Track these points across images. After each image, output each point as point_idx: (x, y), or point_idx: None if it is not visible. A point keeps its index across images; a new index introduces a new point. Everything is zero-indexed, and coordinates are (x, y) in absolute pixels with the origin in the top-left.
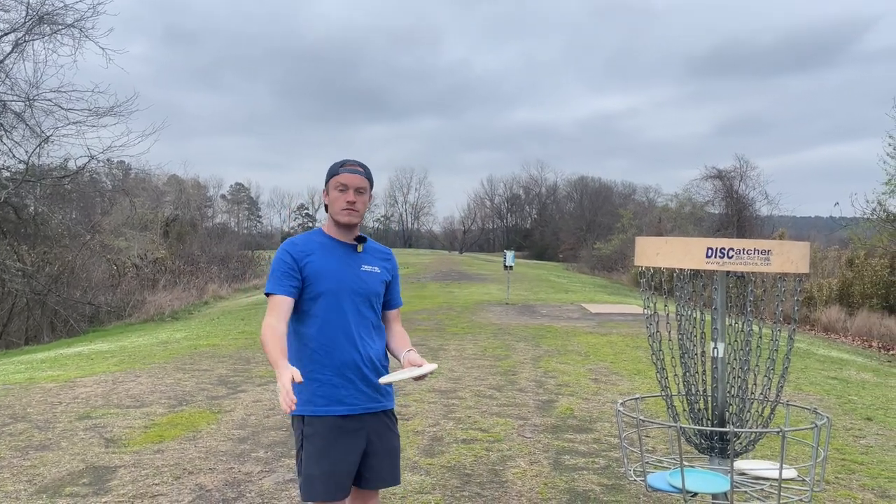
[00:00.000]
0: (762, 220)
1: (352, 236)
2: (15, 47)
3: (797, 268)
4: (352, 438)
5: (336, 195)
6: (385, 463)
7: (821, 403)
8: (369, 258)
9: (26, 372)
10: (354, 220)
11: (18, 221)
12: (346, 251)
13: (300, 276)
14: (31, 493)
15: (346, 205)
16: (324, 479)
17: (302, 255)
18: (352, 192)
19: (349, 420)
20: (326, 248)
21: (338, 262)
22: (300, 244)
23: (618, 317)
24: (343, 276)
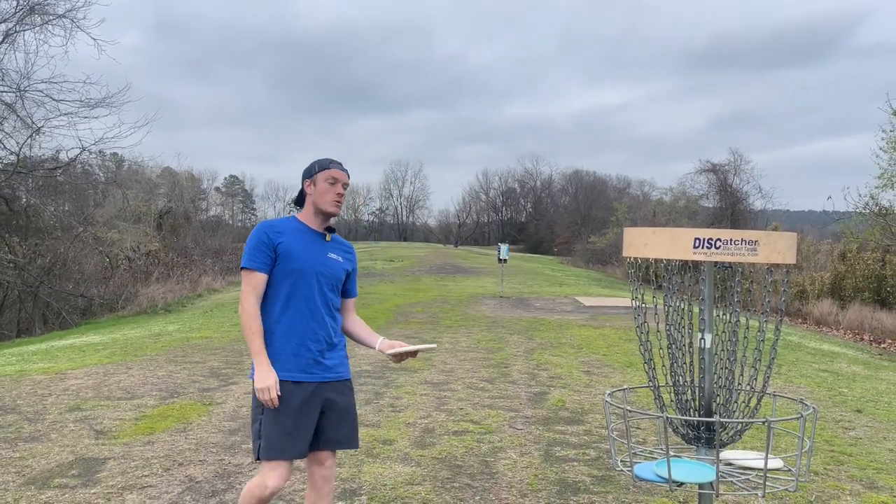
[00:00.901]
0: (756, 214)
1: (323, 227)
2: (5, 38)
3: (784, 258)
4: (308, 404)
5: (326, 187)
6: (342, 426)
7: (811, 396)
8: (335, 248)
9: (17, 364)
10: (340, 211)
11: (10, 213)
12: (317, 238)
13: (274, 255)
14: (20, 485)
15: (336, 196)
16: (282, 438)
17: (276, 235)
18: (340, 186)
19: (306, 387)
20: (299, 232)
21: (308, 246)
22: (276, 226)
23: (611, 310)
24: (312, 258)
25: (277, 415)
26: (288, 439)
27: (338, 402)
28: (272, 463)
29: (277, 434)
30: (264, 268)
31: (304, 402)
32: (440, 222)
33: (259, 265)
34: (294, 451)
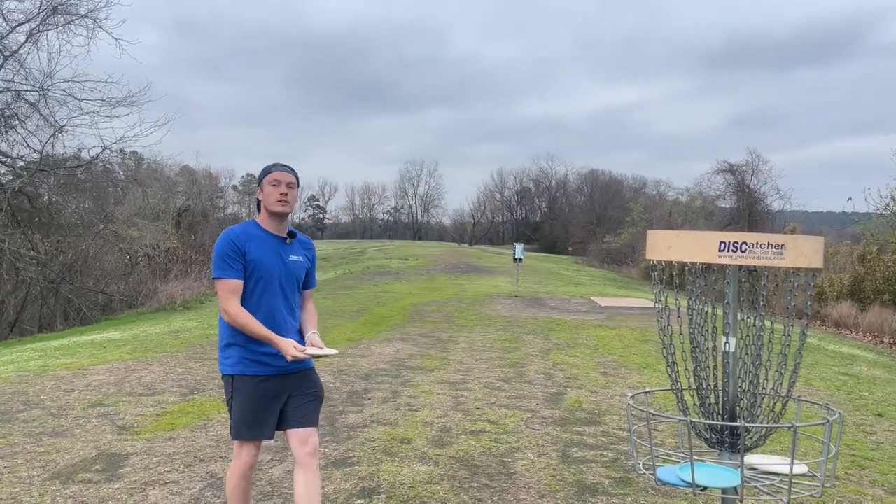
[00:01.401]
0: (773, 215)
1: (283, 230)
2: (29, 37)
3: (810, 262)
4: (271, 395)
5: (270, 189)
6: (308, 407)
7: (831, 399)
8: (296, 249)
9: (40, 359)
10: (287, 209)
11: (33, 210)
12: (278, 242)
13: (244, 260)
14: (45, 479)
15: (279, 196)
16: (248, 423)
17: (242, 243)
18: (284, 185)
19: (270, 379)
20: (261, 239)
21: (271, 253)
22: (240, 234)
23: (627, 310)
24: (275, 265)
25: (244, 404)
26: (254, 424)
27: (302, 389)
28: (243, 443)
29: (245, 420)
30: (238, 275)
31: (267, 393)
32: (455, 221)
33: (233, 273)
34: (260, 434)
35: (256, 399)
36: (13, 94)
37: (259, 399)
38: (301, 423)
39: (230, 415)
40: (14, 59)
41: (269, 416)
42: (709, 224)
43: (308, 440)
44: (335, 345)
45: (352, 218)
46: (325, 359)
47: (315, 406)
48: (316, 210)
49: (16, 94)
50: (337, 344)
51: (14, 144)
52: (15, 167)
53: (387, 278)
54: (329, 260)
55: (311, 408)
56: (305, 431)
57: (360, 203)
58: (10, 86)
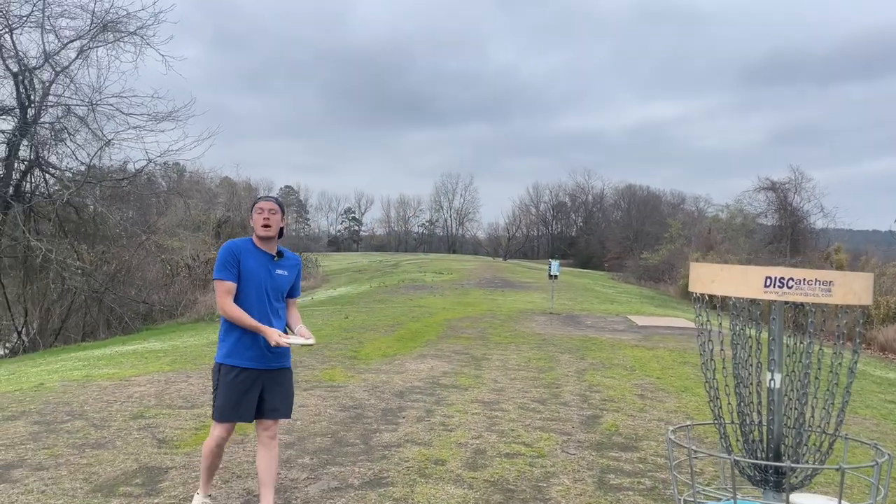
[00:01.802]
0: (817, 234)
1: (272, 249)
2: (80, 54)
3: (860, 299)
4: (252, 385)
5: (256, 217)
6: (278, 401)
7: (878, 429)
8: (283, 265)
9: (84, 369)
10: (269, 233)
11: (79, 221)
12: (267, 258)
13: (238, 268)
14: (87, 492)
15: (263, 221)
16: (229, 407)
17: (238, 253)
18: (266, 212)
19: (252, 372)
20: (254, 254)
21: (260, 265)
22: (239, 246)
23: (665, 330)
24: (262, 276)
25: (227, 390)
26: (234, 409)
27: (277, 384)
28: (221, 423)
29: (227, 404)
30: (233, 278)
31: (249, 383)
32: (489, 235)
33: (229, 276)
34: (238, 418)
35: (237, 388)
36: (63, 109)
37: (239, 388)
38: (274, 414)
39: (213, 399)
40: (65, 75)
41: (247, 404)
42: (749, 242)
43: (271, 427)
44: (370, 360)
45: (387, 230)
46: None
47: (288, 401)
48: (352, 222)
49: (66, 108)
50: (371, 359)
51: (63, 157)
52: (63, 179)
53: (421, 292)
54: (364, 272)
55: (285, 402)
56: (271, 420)
57: (395, 216)
58: (60, 100)
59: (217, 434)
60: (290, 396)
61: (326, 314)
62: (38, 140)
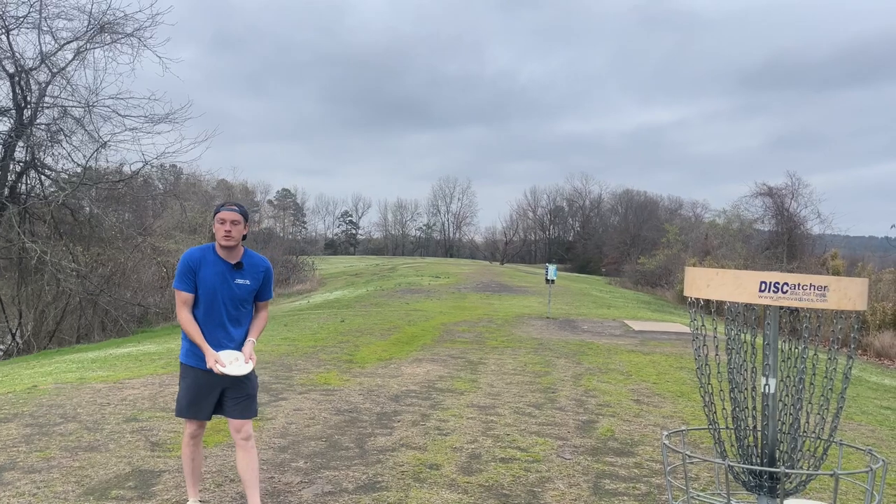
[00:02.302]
0: (813, 239)
1: (233, 259)
2: (76, 55)
3: (855, 305)
4: (210, 386)
5: (218, 227)
6: (242, 403)
7: (873, 435)
8: (245, 274)
9: (77, 371)
10: (231, 243)
11: (74, 223)
12: (227, 268)
13: (195, 279)
14: (79, 495)
15: (224, 233)
16: (186, 405)
17: (195, 265)
18: (228, 223)
19: (208, 374)
20: (212, 264)
21: (218, 275)
22: (196, 256)
23: (661, 335)
24: (220, 285)
25: (185, 389)
26: (190, 407)
27: (237, 385)
28: (185, 420)
29: (185, 402)
30: (189, 289)
31: (204, 384)
32: (487, 239)
33: (185, 287)
34: (195, 416)
35: (195, 387)
36: (59, 110)
37: (197, 388)
38: (236, 415)
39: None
40: (61, 76)
41: (204, 403)
42: (746, 247)
43: (242, 428)
44: (365, 364)
45: (384, 234)
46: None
47: (248, 402)
48: (349, 225)
49: (62, 109)
50: (367, 363)
51: (59, 158)
52: (59, 180)
53: (418, 296)
54: (361, 276)
55: (245, 404)
56: (240, 422)
57: (392, 219)
58: (56, 101)
59: (187, 431)
60: (250, 398)
61: (322, 318)
62: (33, 141)
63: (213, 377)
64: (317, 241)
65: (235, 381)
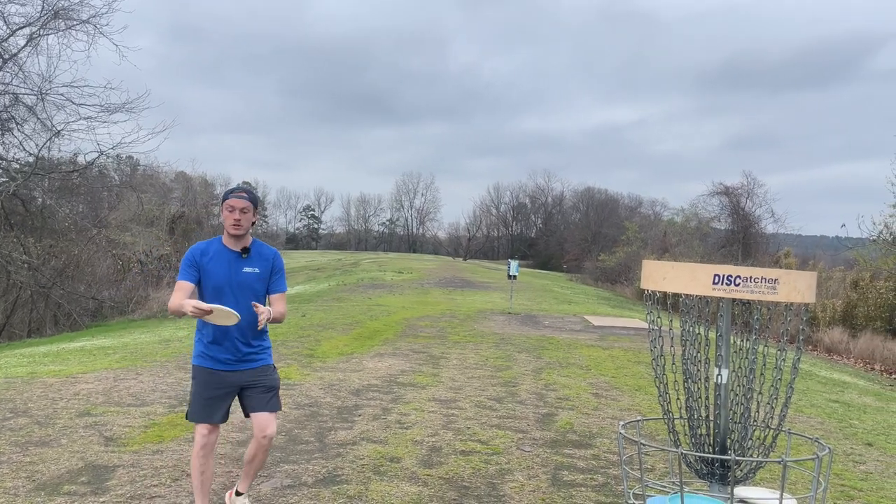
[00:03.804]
0: (767, 238)
1: (240, 246)
2: (29, 41)
3: (803, 297)
4: (222, 388)
5: (226, 214)
6: (263, 396)
7: (822, 427)
8: (252, 262)
9: (28, 366)
10: (240, 232)
11: (26, 214)
12: (234, 257)
13: (198, 271)
14: (30, 490)
15: (233, 221)
16: (199, 408)
17: (200, 256)
18: (237, 212)
19: (224, 375)
20: (219, 253)
21: (225, 266)
22: (202, 248)
23: (620, 330)
24: (228, 275)
25: (196, 392)
26: (206, 409)
27: (255, 382)
28: (196, 425)
29: (199, 406)
30: (189, 278)
31: (216, 386)
32: (450, 235)
33: (186, 277)
34: (207, 419)
35: (206, 389)
36: (11, 97)
37: (208, 390)
38: (262, 407)
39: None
40: (13, 63)
41: (218, 405)
42: (704, 245)
43: (268, 428)
44: (326, 359)
45: (347, 229)
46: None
47: (269, 395)
48: (311, 220)
49: (13, 97)
50: (328, 358)
51: (10, 147)
52: (10, 170)
53: (380, 291)
54: (323, 271)
55: (266, 397)
56: (264, 417)
57: (355, 214)
58: (7, 89)
59: (196, 438)
60: (273, 392)
61: None
62: None
63: (228, 377)
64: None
65: (254, 378)
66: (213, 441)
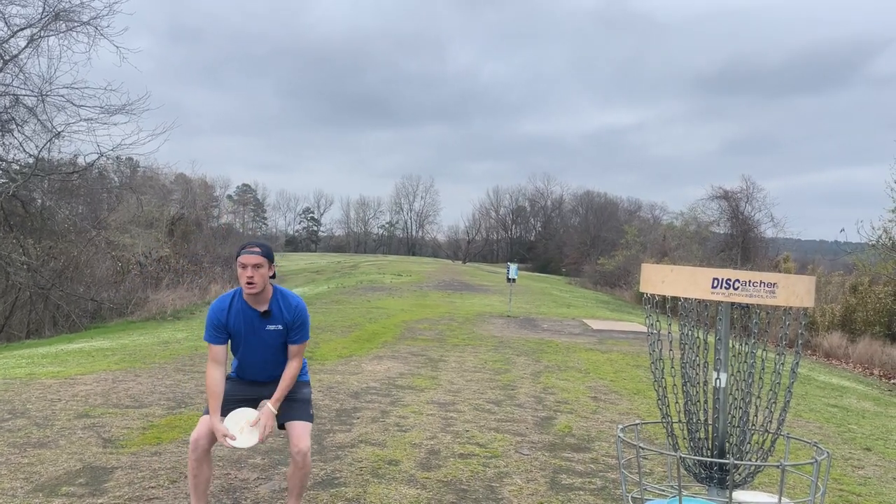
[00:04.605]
0: (767, 242)
1: (261, 305)
2: (30, 42)
3: (802, 301)
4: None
5: (240, 272)
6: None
7: (820, 431)
8: (274, 320)
9: (27, 367)
10: (255, 290)
11: (25, 215)
12: (255, 316)
13: (226, 331)
14: (28, 492)
15: (246, 280)
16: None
17: (225, 317)
18: (250, 268)
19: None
20: (240, 312)
21: (247, 326)
22: (224, 309)
23: (619, 334)
24: (249, 335)
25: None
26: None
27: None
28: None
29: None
30: (218, 341)
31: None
32: (449, 238)
33: (215, 340)
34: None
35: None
36: (11, 98)
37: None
38: (293, 416)
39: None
40: (14, 64)
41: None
42: (703, 250)
43: (301, 441)
44: (325, 361)
45: (346, 231)
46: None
47: (303, 406)
48: (311, 222)
49: (14, 98)
50: (327, 360)
51: (10, 148)
52: (10, 171)
53: (379, 294)
54: (322, 273)
55: (295, 406)
56: (299, 430)
57: (355, 216)
58: (8, 90)
59: (193, 435)
60: (304, 402)
61: None
62: None
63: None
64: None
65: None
66: (203, 446)
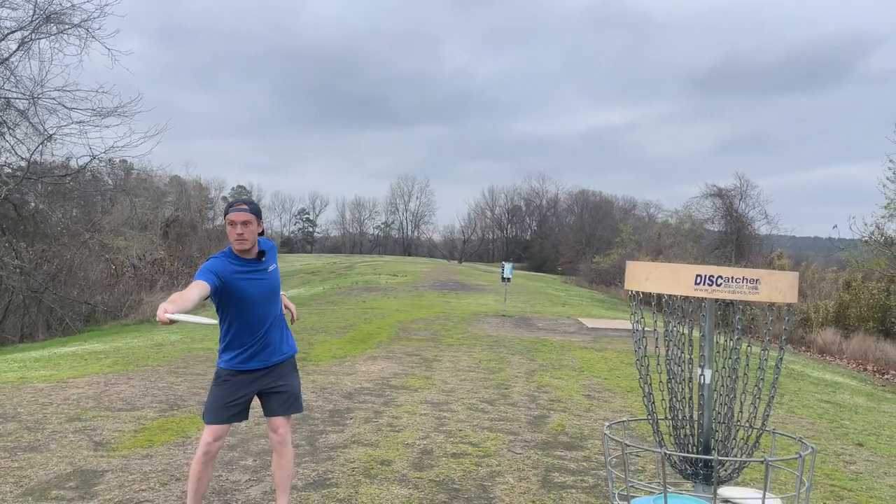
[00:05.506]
0: (761, 240)
1: (253, 253)
2: (21, 45)
3: (785, 297)
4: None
5: (229, 230)
6: (281, 397)
7: (813, 427)
8: (269, 260)
9: (19, 371)
10: (246, 246)
11: (18, 218)
12: (253, 265)
13: (220, 281)
14: (18, 496)
15: (236, 236)
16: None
17: (222, 271)
18: (239, 225)
19: (250, 373)
20: (239, 269)
21: (249, 279)
22: (222, 263)
23: (613, 332)
24: (255, 289)
25: (218, 393)
26: (217, 410)
27: (278, 377)
28: (210, 426)
29: (214, 406)
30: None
31: (239, 386)
32: (445, 238)
33: (206, 279)
34: (218, 418)
35: (227, 390)
36: (2, 102)
37: (228, 391)
38: (278, 411)
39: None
40: (5, 67)
41: (229, 406)
42: (697, 247)
43: (279, 429)
44: (319, 362)
45: (342, 232)
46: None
47: (292, 399)
48: (306, 223)
49: (5, 101)
50: (321, 361)
51: (2, 152)
52: (2, 175)
53: (375, 294)
54: (318, 274)
55: (287, 399)
56: (279, 421)
57: (350, 217)
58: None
59: (202, 442)
60: (293, 395)
61: None
62: None
63: (247, 378)
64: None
65: (273, 380)
66: (217, 448)
